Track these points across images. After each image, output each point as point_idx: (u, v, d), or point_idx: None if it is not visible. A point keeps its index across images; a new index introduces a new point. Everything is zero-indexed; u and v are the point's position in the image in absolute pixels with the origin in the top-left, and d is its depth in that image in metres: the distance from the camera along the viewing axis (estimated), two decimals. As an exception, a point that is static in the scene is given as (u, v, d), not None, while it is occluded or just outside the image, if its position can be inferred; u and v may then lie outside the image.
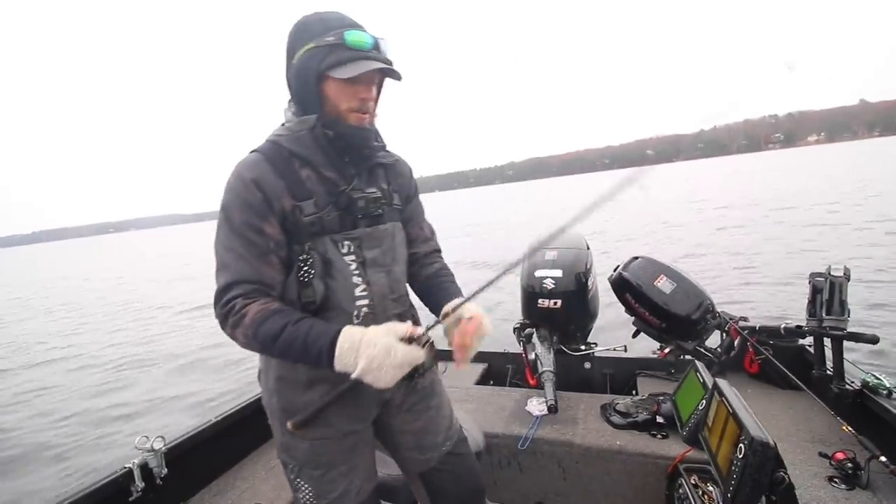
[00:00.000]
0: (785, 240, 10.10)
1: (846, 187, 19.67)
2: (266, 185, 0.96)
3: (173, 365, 6.89)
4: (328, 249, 1.00)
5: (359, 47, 0.97)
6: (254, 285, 0.95)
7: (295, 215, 0.98)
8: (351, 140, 1.03)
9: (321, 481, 1.08)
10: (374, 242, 1.06)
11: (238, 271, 0.95)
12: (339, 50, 0.96)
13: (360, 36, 0.97)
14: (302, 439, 1.06)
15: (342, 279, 1.02)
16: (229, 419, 1.86)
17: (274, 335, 0.90)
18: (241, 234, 0.95)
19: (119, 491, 1.46)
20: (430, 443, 1.21)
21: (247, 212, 0.96)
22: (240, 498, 1.64)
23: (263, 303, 0.93)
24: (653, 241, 12.03)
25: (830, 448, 1.48)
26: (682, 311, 1.92)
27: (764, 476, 1.04)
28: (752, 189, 25.11)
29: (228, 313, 0.93)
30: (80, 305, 14.44)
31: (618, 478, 1.63)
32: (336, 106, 1.00)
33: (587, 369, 2.33)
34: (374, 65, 0.96)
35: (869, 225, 10.74)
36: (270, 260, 0.97)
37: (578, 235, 2.35)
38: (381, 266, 1.08)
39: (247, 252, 0.95)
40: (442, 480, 1.23)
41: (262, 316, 0.91)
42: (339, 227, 1.02)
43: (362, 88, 1.00)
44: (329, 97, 1.00)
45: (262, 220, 0.96)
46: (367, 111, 1.03)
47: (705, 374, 1.59)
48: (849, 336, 1.64)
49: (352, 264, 1.03)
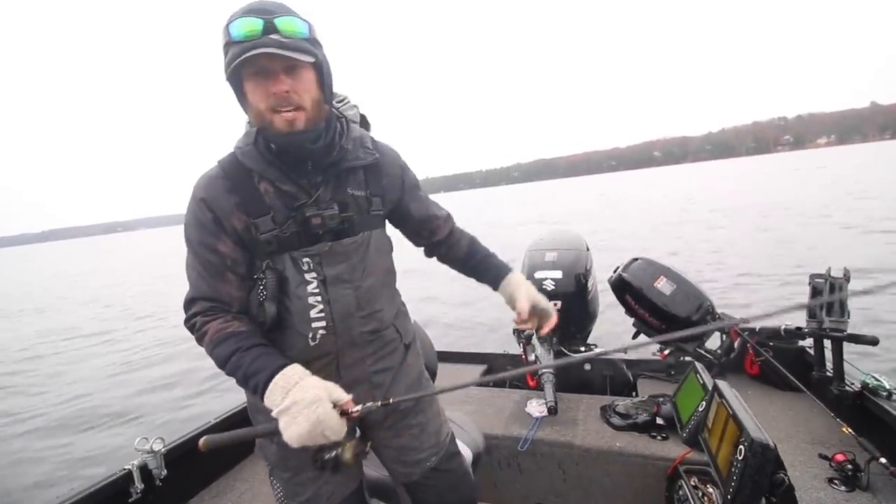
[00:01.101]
0: (785, 240, 10.10)
1: (851, 189, 19.66)
2: (215, 205, 0.92)
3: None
4: (286, 267, 0.95)
5: (246, 37, 0.82)
6: (212, 302, 0.94)
7: (250, 233, 0.93)
8: (286, 148, 0.92)
9: (290, 483, 1.08)
10: (336, 258, 0.98)
11: (198, 288, 0.95)
12: (230, 47, 0.84)
13: (245, 23, 0.82)
14: (270, 442, 1.05)
15: (297, 299, 0.96)
16: (229, 420, 1.86)
17: (224, 358, 0.90)
18: (198, 253, 0.95)
19: (118, 492, 1.46)
20: (412, 459, 1.17)
21: (200, 231, 0.94)
22: (239, 499, 1.64)
23: (222, 321, 0.92)
24: (653, 242, 12.03)
25: (830, 449, 1.47)
26: (682, 312, 1.92)
27: (764, 478, 1.04)
28: (755, 190, 25.12)
29: (192, 328, 0.94)
30: (89, 302, 14.44)
31: (618, 479, 1.63)
32: (258, 110, 0.88)
33: (587, 371, 2.33)
34: (247, 54, 0.81)
35: (870, 225, 10.75)
36: (227, 277, 0.95)
37: (578, 237, 2.36)
38: (347, 282, 0.99)
39: (204, 270, 0.94)
40: (426, 493, 1.21)
41: (219, 337, 0.91)
42: (297, 244, 0.95)
43: (270, 82, 0.86)
44: (250, 101, 0.89)
45: (215, 240, 0.93)
46: (292, 106, 0.87)
47: (705, 376, 1.59)
48: (849, 337, 1.64)
49: (312, 282, 0.97)
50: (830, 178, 27.74)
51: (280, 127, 0.88)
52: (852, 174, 28.43)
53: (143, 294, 15.12)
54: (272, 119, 0.88)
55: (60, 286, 22.21)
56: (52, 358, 8.35)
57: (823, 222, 12.03)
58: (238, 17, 0.83)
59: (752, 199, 19.77)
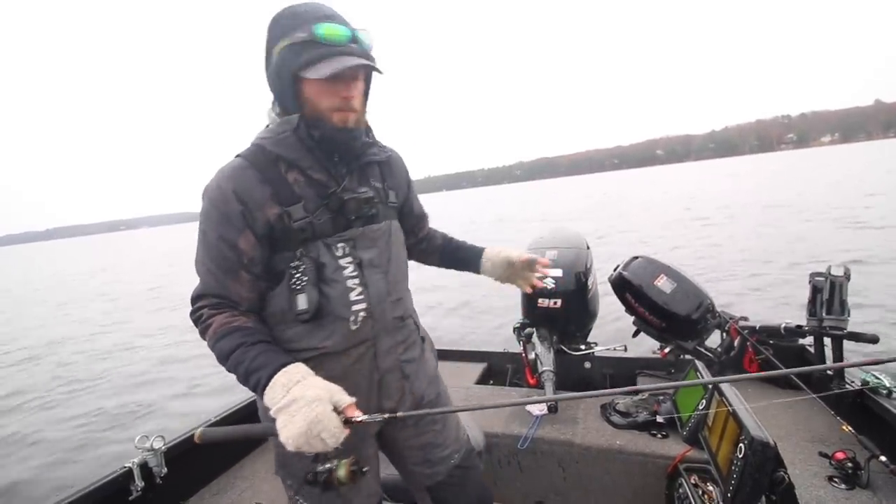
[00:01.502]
0: (786, 239, 10.10)
1: (853, 187, 19.64)
2: (248, 195, 0.92)
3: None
4: (321, 254, 0.95)
5: (333, 42, 0.88)
6: (220, 299, 0.94)
7: (283, 222, 0.93)
8: (336, 141, 0.97)
9: (322, 498, 1.03)
10: (368, 242, 1.01)
11: (207, 285, 0.94)
12: (311, 47, 0.88)
13: (334, 29, 0.88)
14: (301, 457, 0.97)
15: (335, 284, 0.96)
16: (229, 418, 1.86)
17: (226, 353, 0.88)
18: (213, 248, 0.93)
19: (119, 490, 1.46)
20: (437, 457, 1.17)
21: (222, 225, 0.92)
22: (240, 497, 1.64)
23: (228, 316, 0.91)
24: (653, 241, 12.03)
25: (830, 448, 1.48)
26: (683, 310, 1.92)
27: (764, 476, 1.04)
28: (755, 188, 25.11)
29: (197, 321, 0.94)
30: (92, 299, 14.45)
31: (618, 477, 1.63)
32: (316, 107, 0.93)
33: (587, 369, 2.33)
34: (350, 62, 0.87)
35: (871, 225, 10.74)
36: (240, 276, 0.93)
37: (578, 235, 2.35)
38: (378, 267, 1.03)
39: (216, 267, 0.93)
40: (449, 493, 1.20)
41: (223, 331, 0.89)
42: (331, 230, 0.97)
43: (343, 87, 0.92)
44: (308, 98, 0.93)
45: (237, 234, 0.92)
46: (351, 109, 0.95)
47: (705, 374, 1.59)
48: (849, 336, 1.64)
49: (348, 266, 0.98)
50: (834, 176, 27.71)
51: (336, 123, 0.94)
52: (857, 172, 28.36)
53: (157, 289, 15.15)
54: (331, 116, 0.93)
55: (76, 283, 22.22)
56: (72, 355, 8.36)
57: (823, 222, 12.03)
58: (324, 21, 0.89)
59: (753, 198, 19.77)
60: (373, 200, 1.02)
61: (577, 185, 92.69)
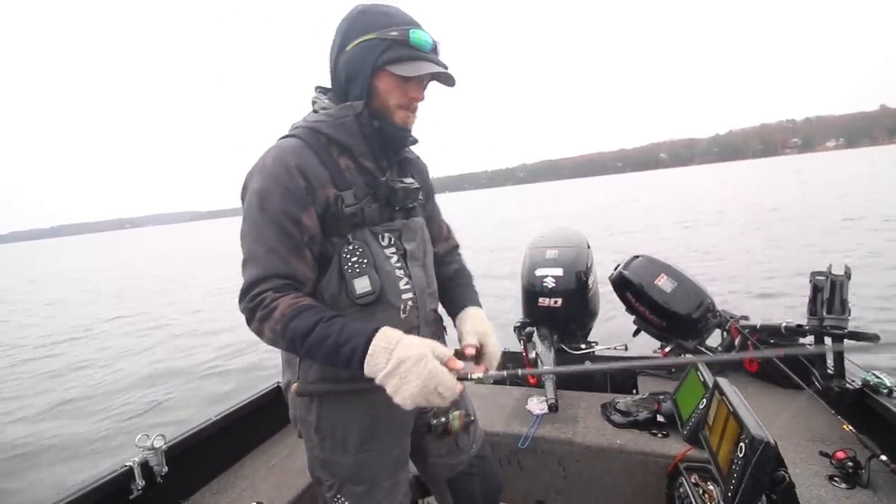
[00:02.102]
0: (786, 239, 10.09)
1: (856, 189, 19.61)
2: (310, 172, 0.92)
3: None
4: (370, 242, 0.97)
5: (420, 47, 0.95)
6: (284, 280, 0.89)
7: (337, 205, 0.94)
8: (392, 137, 1.02)
9: (364, 497, 1.03)
10: (410, 234, 1.04)
11: (269, 265, 0.89)
12: (400, 46, 0.94)
13: (424, 36, 0.95)
14: (345, 453, 1.01)
15: (386, 272, 0.98)
16: (230, 417, 1.86)
17: (304, 331, 0.84)
18: (276, 224, 0.90)
19: (119, 489, 1.46)
20: (460, 446, 1.20)
21: (287, 200, 0.90)
22: (240, 496, 1.64)
23: (294, 297, 0.88)
24: (654, 241, 12.03)
25: (831, 447, 1.48)
26: (683, 309, 1.92)
27: (764, 475, 1.04)
28: (757, 191, 25.07)
29: (257, 307, 0.87)
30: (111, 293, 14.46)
31: (618, 477, 1.63)
32: (385, 101, 0.98)
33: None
34: (434, 67, 0.95)
35: (873, 224, 10.73)
36: (304, 254, 0.92)
37: (579, 234, 2.35)
38: (418, 259, 1.05)
39: (280, 244, 0.89)
40: (468, 483, 1.22)
41: (294, 311, 0.85)
42: (378, 219, 0.99)
43: (414, 88, 0.99)
44: (380, 91, 0.97)
45: (301, 210, 0.91)
46: (413, 111, 1.02)
47: (706, 373, 1.59)
48: (849, 335, 1.64)
49: (393, 257, 1.00)
50: (839, 180, 27.64)
51: (398, 120, 1.00)
52: (858, 177, 28.30)
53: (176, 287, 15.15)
54: (394, 112, 0.99)
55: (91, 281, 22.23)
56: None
57: (824, 221, 12.01)
58: (415, 27, 0.95)
59: (754, 199, 19.75)
60: (418, 192, 1.06)
61: (580, 187, 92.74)
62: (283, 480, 1.70)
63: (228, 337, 7.89)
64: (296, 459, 1.83)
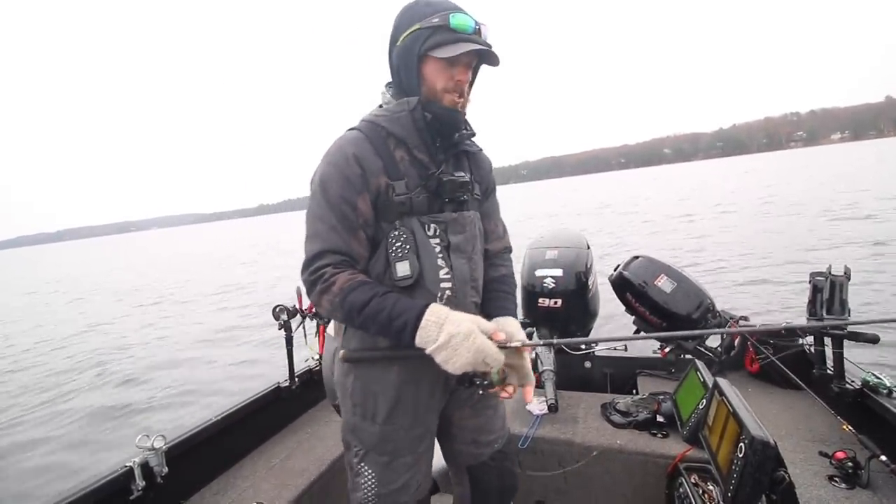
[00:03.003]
0: (787, 239, 10.09)
1: (858, 186, 19.60)
2: (366, 162, 1.00)
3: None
4: (415, 230, 1.02)
5: (461, 30, 0.99)
6: (343, 256, 0.98)
7: (388, 194, 1.01)
8: (444, 121, 1.05)
9: (386, 469, 1.08)
10: (458, 228, 1.07)
11: (329, 241, 0.98)
12: (442, 31, 0.99)
13: (464, 19, 0.99)
14: (373, 422, 1.07)
15: (428, 260, 1.03)
16: (230, 418, 1.86)
17: (361, 304, 0.92)
18: (336, 207, 0.98)
19: (120, 490, 1.46)
20: (485, 440, 1.24)
21: (344, 185, 0.99)
22: (240, 496, 1.64)
23: (351, 273, 0.97)
24: (654, 241, 12.02)
25: (831, 447, 1.48)
26: (683, 310, 1.92)
27: (764, 475, 1.04)
28: (758, 188, 25.07)
29: (318, 280, 0.96)
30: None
31: (618, 477, 1.63)
32: (433, 86, 1.03)
33: (587, 368, 2.33)
34: (471, 46, 0.98)
35: (873, 225, 10.73)
36: (359, 235, 1.00)
37: (579, 235, 2.35)
38: (463, 252, 1.08)
39: (339, 224, 0.98)
40: (488, 475, 1.26)
41: (351, 285, 0.94)
42: (426, 210, 1.04)
43: (458, 70, 1.02)
44: (427, 77, 1.03)
45: (356, 196, 0.99)
46: (461, 93, 1.04)
47: (706, 374, 1.59)
48: (849, 335, 1.64)
49: (436, 247, 1.04)
50: (843, 174, 27.58)
51: (448, 103, 1.03)
52: (862, 172, 28.27)
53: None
54: (443, 97, 1.03)
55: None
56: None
57: (826, 220, 12.01)
58: (456, 11, 1.00)
59: (754, 197, 19.75)
60: (468, 185, 1.08)
61: (583, 184, 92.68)
62: (283, 481, 1.70)
63: (229, 338, 7.89)
64: (296, 460, 1.83)
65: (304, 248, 1.01)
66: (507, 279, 1.25)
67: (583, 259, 2.16)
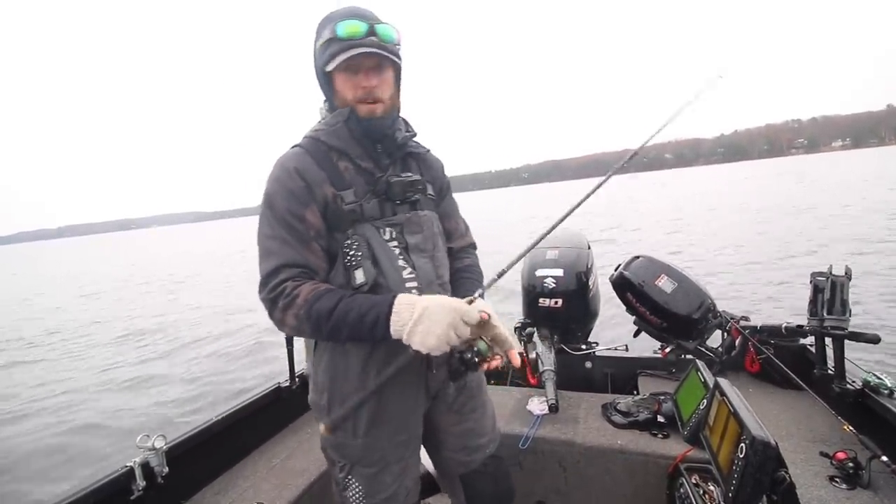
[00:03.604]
0: (787, 239, 10.08)
1: (859, 189, 19.57)
2: (308, 174, 0.99)
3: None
4: (370, 236, 1.01)
5: (350, 37, 0.97)
6: (300, 269, 0.97)
7: (336, 203, 1.00)
8: (372, 131, 1.05)
9: (373, 480, 1.07)
10: (414, 228, 1.07)
11: (284, 255, 0.96)
12: (333, 43, 0.98)
13: (352, 25, 0.97)
14: (354, 436, 1.05)
15: (388, 263, 1.02)
16: (231, 418, 1.86)
17: (329, 310, 0.90)
18: (284, 221, 0.98)
19: (120, 490, 1.46)
20: (475, 444, 1.21)
21: (289, 199, 0.98)
22: (241, 497, 1.64)
23: (314, 284, 0.95)
24: (654, 241, 12.02)
25: (832, 447, 1.47)
26: (683, 310, 1.92)
27: (765, 475, 1.04)
28: (761, 191, 25.03)
29: (279, 296, 0.93)
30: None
31: (619, 477, 1.63)
32: (345, 98, 1.03)
33: (588, 368, 2.33)
34: (355, 51, 0.96)
35: (873, 224, 10.72)
36: (313, 247, 0.99)
37: (579, 235, 2.35)
38: (424, 251, 1.07)
39: (291, 238, 0.97)
40: (481, 482, 1.23)
41: (316, 294, 0.92)
42: (379, 214, 1.03)
43: (361, 77, 1.00)
44: (338, 91, 1.03)
45: (303, 208, 0.98)
46: (375, 99, 1.02)
47: (706, 374, 1.59)
48: (850, 335, 1.63)
49: (395, 249, 1.03)
50: (844, 180, 27.50)
51: (363, 114, 1.02)
52: (863, 178, 28.19)
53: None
54: (357, 108, 1.02)
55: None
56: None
57: (827, 220, 12.00)
58: (345, 19, 0.97)
59: (756, 199, 19.74)
60: (417, 184, 1.08)
61: (584, 188, 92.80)
62: (284, 481, 1.70)
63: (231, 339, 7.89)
64: (297, 460, 1.83)
65: (259, 268, 0.98)
66: (471, 268, 1.24)
67: (583, 259, 2.16)
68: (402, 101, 1.13)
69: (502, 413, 1.92)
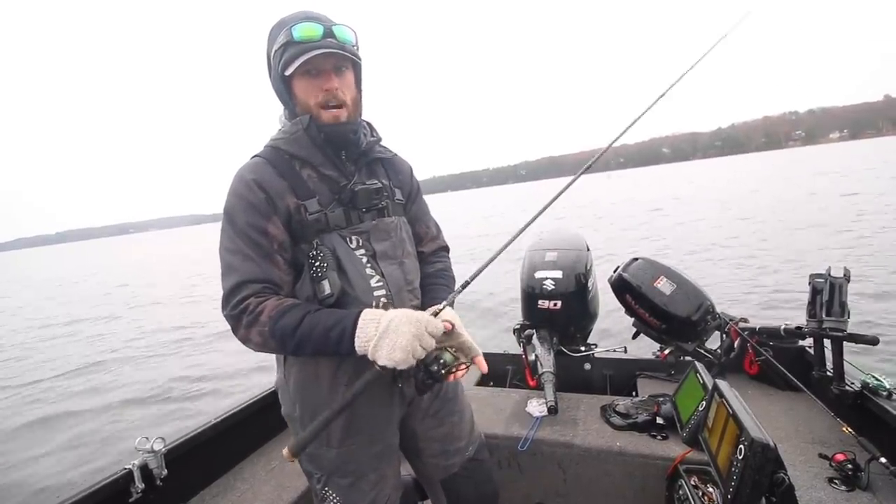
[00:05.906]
0: (786, 240, 10.09)
1: (857, 186, 19.60)
2: (268, 185, 0.96)
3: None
4: (336, 245, 0.99)
5: (307, 39, 0.94)
6: (263, 284, 0.93)
7: (300, 213, 0.98)
8: (336, 137, 1.01)
9: (350, 490, 1.05)
10: (381, 235, 1.05)
11: (246, 271, 0.93)
12: (290, 47, 0.95)
13: (308, 27, 0.94)
14: (328, 447, 1.04)
15: (355, 271, 0.99)
16: (229, 420, 1.86)
17: (293, 327, 0.88)
18: (245, 235, 0.95)
19: (119, 492, 1.46)
20: (454, 448, 1.20)
21: (250, 213, 0.95)
22: (240, 499, 1.64)
23: (278, 299, 0.92)
24: (654, 241, 12.02)
25: (830, 449, 1.47)
26: (682, 312, 1.92)
27: (764, 477, 1.04)
28: (757, 188, 25.06)
29: (242, 313, 0.91)
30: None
31: (618, 479, 1.63)
32: (306, 103, 0.99)
33: (587, 370, 2.33)
34: (313, 52, 0.93)
35: (873, 224, 10.73)
36: (276, 260, 0.96)
37: (578, 236, 2.35)
38: (392, 258, 1.06)
39: (253, 252, 0.94)
40: (463, 486, 1.22)
41: (280, 311, 0.89)
42: (345, 223, 1.01)
43: (322, 80, 0.97)
44: (298, 96, 1.00)
45: (265, 221, 0.95)
46: (338, 103, 0.99)
47: (705, 376, 1.59)
48: (848, 337, 1.64)
49: (363, 258, 1.01)
50: (843, 174, 27.52)
51: (326, 120, 0.99)
52: (862, 172, 28.23)
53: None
54: (319, 113, 0.99)
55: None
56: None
57: (826, 221, 12.01)
58: (301, 21, 0.95)
59: (753, 198, 19.76)
60: (382, 192, 1.05)
61: (582, 184, 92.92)
62: (282, 483, 1.70)
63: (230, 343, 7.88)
64: (295, 462, 1.83)
65: (221, 284, 0.95)
66: (442, 273, 1.21)
67: (582, 261, 2.16)
68: (363, 104, 1.09)
69: (501, 415, 1.92)
